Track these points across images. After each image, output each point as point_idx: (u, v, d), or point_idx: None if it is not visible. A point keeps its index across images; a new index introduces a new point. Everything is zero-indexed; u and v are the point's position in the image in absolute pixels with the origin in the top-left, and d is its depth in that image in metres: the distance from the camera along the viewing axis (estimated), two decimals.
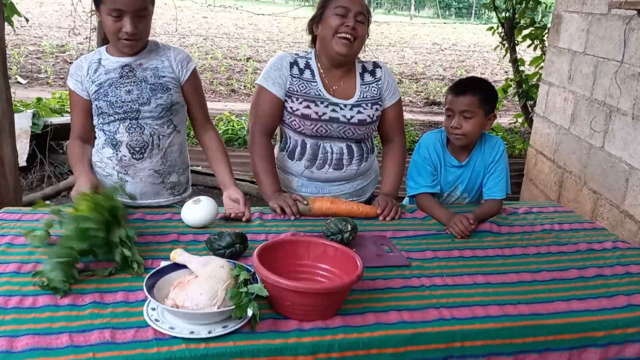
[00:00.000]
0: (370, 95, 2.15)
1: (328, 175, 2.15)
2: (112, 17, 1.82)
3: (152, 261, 1.56)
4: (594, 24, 3.40)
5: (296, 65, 2.11)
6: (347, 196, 2.19)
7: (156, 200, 2.05)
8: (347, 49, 2.02)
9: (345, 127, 2.10)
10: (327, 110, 2.08)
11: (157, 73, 1.97)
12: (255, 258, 1.36)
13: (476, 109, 2.07)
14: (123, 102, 1.94)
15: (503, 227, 2.02)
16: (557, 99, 3.85)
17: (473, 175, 2.21)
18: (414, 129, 6.90)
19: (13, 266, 1.48)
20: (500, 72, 12.89)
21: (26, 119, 4.39)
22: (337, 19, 1.99)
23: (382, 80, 2.18)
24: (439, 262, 1.72)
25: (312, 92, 2.09)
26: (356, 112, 2.10)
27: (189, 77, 2.03)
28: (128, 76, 1.95)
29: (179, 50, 2.06)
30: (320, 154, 2.12)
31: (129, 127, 1.96)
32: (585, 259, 1.82)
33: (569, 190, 3.59)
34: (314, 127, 2.08)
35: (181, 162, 2.12)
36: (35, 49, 11.51)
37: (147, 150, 1.99)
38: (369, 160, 2.23)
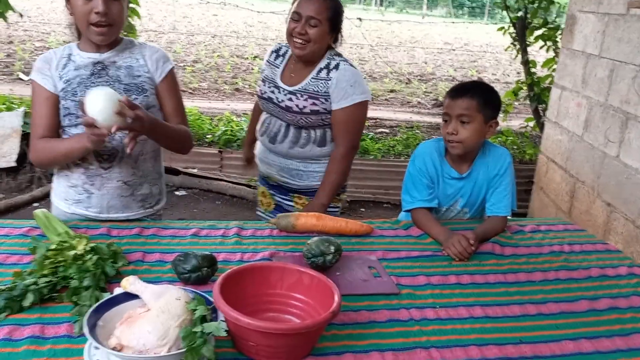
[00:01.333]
0: (313, 89, 2.16)
1: (264, 143, 2.31)
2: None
3: (108, 285, 1.39)
4: (610, 25, 3.19)
5: (275, 53, 2.31)
6: (277, 169, 2.28)
7: (125, 214, 1.85)
8: (300, 51, 2.13)
9: (277, 109, 2.22)
10: (267, 90, 2.26)
11: (131, 72, 1.79)
12: (216, 289, 1.19)
13: (475, 114, 1.88)
14: None
15: (507, 248, 1.84)
16: (570, 104, 3.64)
17: (475, 189, 2.02)
18: (421, 132, 6.70)
19: None
20: (513, 73, 12.61)
21: (17, 117, 4.25)
22: (292, 22, 2.12)
23: (331, 81, 2.15)
24: (432, 290, 1.53)
25: (271, 75, 2.28)
26: (287, 99, 2.19)
27: (164, 77, 1.84)
28: (100, 74, 1.76)
29: (155, 48, 1.88)
30: (265, 123, 2.31)
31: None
32: (597, 287, 1.63)
33: (581, 201, 3.38)
34: (263, 104, 2.30)
35: (154, 171, 1.93)
36: (41, 45, 11.43)
37: (116, 158, 1.79)
38: (307, 148, 2.22)
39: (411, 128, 6.79)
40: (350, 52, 14.00)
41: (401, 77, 11.62)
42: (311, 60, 2.17)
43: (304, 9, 2.08)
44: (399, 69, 12.55)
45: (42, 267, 1.36)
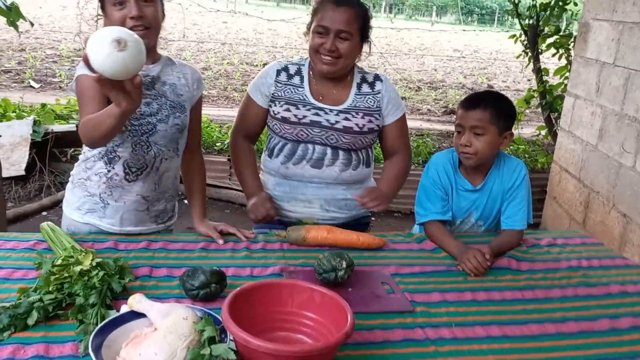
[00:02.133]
0: (364, 105, 1.99)
1: (304, 172, 1.97)
2: (116, 5, 1.63)
3: (114, 302, 1.35)
4: (625, 33, 3.14)
5: (285, 72, 2.02)
6: (322, 202, 1.99)
7: (137, 228, 1.82)
8: (330, 68, 1.92)
9: (328, 132, 1.94)
10: (308, 113, 1.95)
11: (175, 90, 1.81)
12: (225, 308, 1.15)
13: (488, 125, 1.83)
14: (141, 114, 1.72)
15: (523, 263, 1.78)
16: (583, 112, 3.59)
17: (489, 201, 1.97)
18: (431, 139, 6.65)
19: None
20: (524, 81, 12.54)
21: (27, 126, 4.25)
22: (318, 37, 1.89)
23: (381, 94, 2.02)
24: (447, 308, 1.49)
25: (297, 96, 1.98)
26: (342, 119, 1.95)
27: (199, 99, 1.92)
28: (148, 87, 1.75)
29: (194, 69, 1.93)
30: (299, 151, 1.98)
31: (136, 144, 1.74)
32: (618, 304, 1.58)
33: (596, 212, 3.32)
34: (294, 130, 1.96)
35: (173, 188, 1.92)
36: (52, 53, 11.51)
37: (143, 172, 1.77)
38: (358, 170, 2.00)
39: (421, 136, 6.74)
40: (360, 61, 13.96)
41: (411, 84, 11.58)
42: (342, 76, 1.99)
43: (332, 21, 1.87)
44: (408, 76, 12.51)
45: (47, 283, 1.32)
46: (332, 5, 1.88)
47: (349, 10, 1.88)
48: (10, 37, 12.15)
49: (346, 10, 1.87)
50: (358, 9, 1.91)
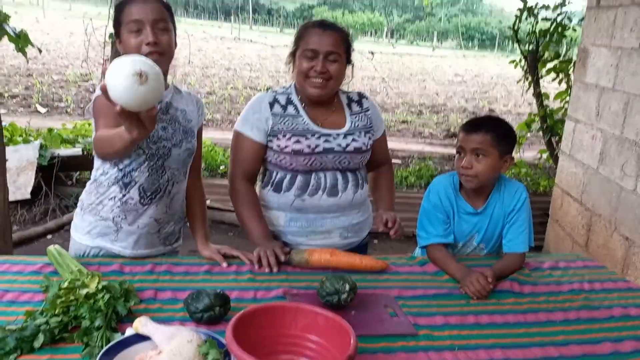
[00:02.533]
0: (361, 124, 2.04)
1: (322, 203, 1.95)
2: (133, 32, 1.68)
3: (120, 324, 1.37)
4: (623, 59, 3.19)
5: (277, 103, 1.97)
6: (341, 231, 2.00)
7: (147, 250, 1.84)
8: (320, 91, 1.92)
9: (341, 156, 1.95)
10: (319, 142, 1.93)
11: (185, 116, 1.87)
12: (229, 331, 1.16)
13: (489, 148, 1.86)
14: (159, 138, 1.77)
15: (525, 286, 1.79)
16: (584, 136, 3.62)
17: (491, 224, 1.99)
18: (433, 163, 6.68)
19: None
20: (525, 105, 12.62)
21: (33, 150, 4.30)
22: (306, 61, 1.89)
23: (370, 111, 2.08)
24: (450, 331, 1.49)
25: (300, 126, 1.94)
26: (351, 140, 1.97)
27: (201, 125, 1.98)
28: (164, 112, 1.81)
29: (197, 96, 2.01)
30: (313, 181, 1.95)
31: (151, 167, 1.78)
32: (620, 327, 1.58)
33: (598, 235, 3.32)
34: (308, 161, 1.92)
35: (181, 210, 1.96)
36: (59, 78, 11.67)
37: (157, 196, 1.81)
38: (364, 189, 2.06)
39: (423, 159, 6.78)
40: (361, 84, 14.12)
41: (413, 108, 11.67)
42: (329, 99, 2.00)
43: (320, 44, 1.88)
44: (410, 100, 12.62)
45: (54, 306, 1.34)
46: (318, 29, 1.91)
47: (334, 33, 1.91)
48: (18, 63, 12.33)
49: (332, 34, 1.90)
50: (342, 32, 1.95)
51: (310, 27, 1.93)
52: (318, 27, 1.91)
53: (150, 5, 1.70)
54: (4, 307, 1.44)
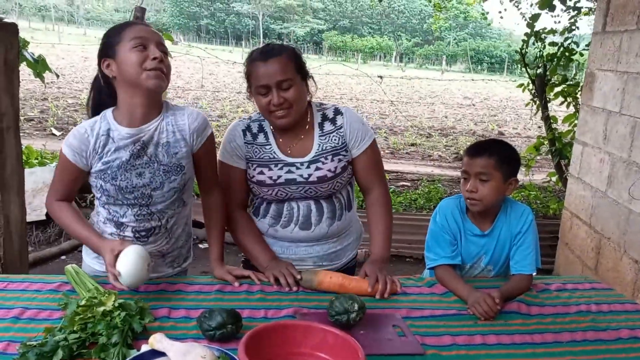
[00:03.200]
0: (330, 146, 1.94)
1: (294, 235, 1.95)
2: (135, 48, 1.65)
3: (135, 341, 1.41)
4: (630, 83, 3.23)
5: (249, 132, 1.97)
6: (315, 259, 1.99)
7: (155, 274, 1.85)
8: (287, 120, 1.87)
9: (305, 187, 1.91)
10: (281, 172, 1.92)
11: (169, 150, 1.76)
12: (241, 348, 1.20)
13: (493, 172, 1.90)
14: (134, 187, 1.73)
15: (533, 307, 1.81)
16: (592, 159, 3.65)
17: (498, 246, 2.01)
18: (442, 185, 6.71)
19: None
20: (534, 127, 12.66)
21: (49, 172, 4.39)
22: (262, 98, 1.85)
23: (344, 128, 1.96)
24: (457, 351, 1.52)
25: (266, 155, 1.94)
26: (314, 170, 1.91)
27: (203, 143, 1.83)
28: (139, 155, 1.72)
29: (194, 115, 1.82)
30: (285, 211, 1.94)
31: (137, 214, 1.78)
32: (628, 349, 1.59)
33: (608, 258, 3.33)
34: (272, 191, 1.92)
35: (185, 234, 1.96)
36: (73, 102, 11.89)
37: (152, 235, 1.83)
38: (343, 218, 1.99)
39: (433, 181, 6.81)
40: (371, 107, 14.24)
41: (422, 131, 11.73)
42: (300, 121, 1.94)
43: (268, 77, 1.82)
44: (419, 123, 12.69)
45: (72, 323, 1.39)
46: (260, 62, 1.84)
47: (278, 59, 1.83)
48: (34, 87, 12.60)
49: (276, 61, 1.82)
50: (285, 54, 1.86)
51: (253, 60, 1.87)
52: (260, 59, 1.84)
53: (149, 29, 1.71)
54: (24, 324, 1.48)
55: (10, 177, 2.53)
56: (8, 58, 2.46)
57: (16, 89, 2.55)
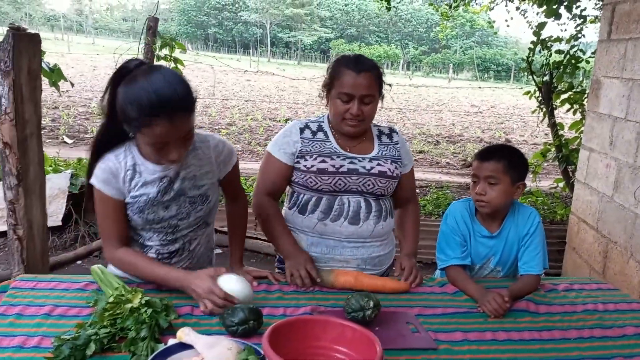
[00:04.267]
0: (389, 154, 2.11)
1: (342, 230, 2.02)
2: (154, 147, 1.64)
3: (161, 337, 1.48)
4: (635, 90, 3.29)
5: (308, 129, 2.10)
6: (359, 262, 2.06)
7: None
8: (357, 129, 2.03)
9: (365, 178, 2.02)
10: (344, 162, 2.03)
11: (195, 183, 1.80)
12: (265, 341, 1.27)
13: (502, 176, 1.97)
14: (161, 219, 1.78)
15: (541, 306, 1.87)
16: (598, 165, 3.70)
17: (506, 247, 2.08)
18: (450, 192, 6.76)
19: (18, 340, 1.43)
20: (541, 135, 12.68)
21: (65, 179, 4.49)
22: (341, 104, 1.98)
23: (400, 144, 2.16)
24: (469, 346, 1.58)
25: (327, 149, 2.05)
26: (376, 164, 2.05)
27: (230, 170, 1.91)
28: (166, 191, 1.75)
29: (219, 145, 1.85)
30: (336, 206, 2.03)
31: (162, 239, 1.83)
32: (633, 345, 1.65)
33: (615, 262, 3.37)
34: (332, 181, 2.00)
35: (207, 251, 2.01)
36: (84, 110, 12.04)
37: (176, 256, 1.88)
38: (387, 221, 2.10)
39: (441, 188, 6.87)
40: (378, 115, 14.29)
41: (430, 138, 11.79)
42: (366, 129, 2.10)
43: (355, 88, 1.94)
44: (427, 131, 12.75)
45: (102, 318, 1.46)
46: (352, 72, 1.95)
47: (369, 74, 1.96)
48: (45, 96, 12.72)
49: (366, 76, 1.95)
50: (375, 70, 2.00)
51: (344, 66, 1.97)
52: (352, 69, 1.95)
53: (177, 126, 1.57)
54: (55, 320, 1.56)
55: (33, 183, 2.62)
56: (31, 67, 2.55)
57: (39, 97, 2.65)
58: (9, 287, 1.74)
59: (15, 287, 1.74)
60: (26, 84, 2.51)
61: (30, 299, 1.66)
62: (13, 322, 1.53)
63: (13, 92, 2.44)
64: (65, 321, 1.56)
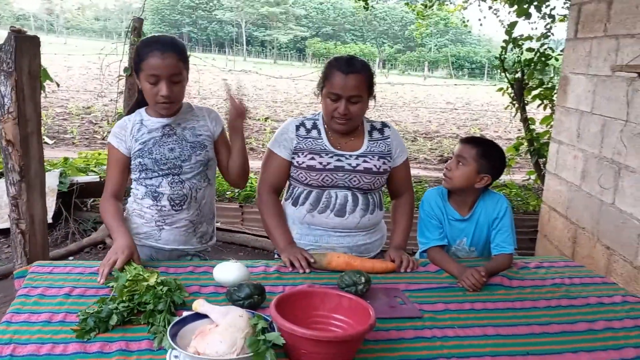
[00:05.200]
0: (378, 150, 2.23)
1: (329, 221, 2.17)
2: (150, 83, 1.99)
3: (175, 311, 1.63)
4: (599, 85, 3.53)
5: (303, 127, 2.25)
6: (345, 250, 2.19)
7: (185, 247, 2.17)
8: (345, 127, 2.17)
9: (351, 175, 2.16)
10: (331, 160, 2.17)
11: (194, 132, 2.14)
12: (272, 308, 1.43)
13: (470, 160, 2.19)
14: (167, 159, 2.08)
15: (514, 281, 2.07)
16: (567, 156, 3.94)
17: (477, 229, 2.28)
18: (429, 185, 6.99)
19: (45, 316, 1.57)
20: (514, 130, 13.03)
21: (54, 177, 4.57)
22: (331, 103, 2.11)
23: (390, 139, 2.28)
24: (450, 314, 1.77)
25: (318, 147, 2.20)
26: (362, 161, 2.18)
27: (220, 132, 2.22)
28: (169, 135, 2.11)
29: (210, 109, 2.26)
30: (324, 199, 2.17)
31: (171, 182, 2.10)
32: (594, 312, 1.86)
33: (583, 246, 3.61)
34: (320, 177, 2.15)
35: (210, 212, 2.27)
36: (62, 111, 11.99)
37: (185, 203, 2.13)
38: (374, 213, 2.24)
39: (419, 182, 7.09)
40: None
41: (407, 135, 12.04)
42: (356, 126, 2.22)
43: (343, 89, 2.06)
44: (404, 128, 13.00)
45: (121, 294, 1.61)
46: (341, 73, 2.07)
47: (357, 76, 2.07)
48: None
49: (355, 77, 2.07)
50: (365, 72, 2.10)
51: (335, 67, 2.10)
52: (342, 70, 2.07)
53: (167, 61, 1.96)
54: (75, 299, 1.70)
55: (34, 179, 2.73)
56: (32, 68, 2.67)
57: (38, 97, 2.76)
58: (27, 272, 1.88)
59: (33, 272, 1.87)
60: (27, 84, 2.63)
61: (50, 282, 1.80)
62: (37, 301, 1.66)
63: (15, 92, 2.55)
64: (85, 300, 1.70)
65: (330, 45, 57.47)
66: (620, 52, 3.26)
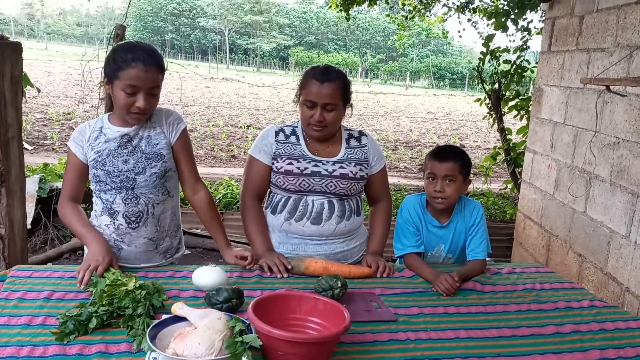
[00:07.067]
0: (355, 157, 2.29)
1: (305, 229, 2.22)
2: (126, 92, 1.90)
3: (155, 314, 1.66)
4: (571, 97, 3.64)
5: (282, 133, 2.30)
6: (322, 257, 2.21)
7: (149, 264, 2.11)
8: (320, 134, 2.24)
9: (328, 180, 2.21)
10: (309, 165, 2.22)
11: (150, 141, 2.04)
12: (250, 310, 1.47)
13: (457, 175, 2.24)
14: (120, 171, 2.00)
15: (486, 286, 2.13)
16: (541, 166, 4.04)
17: (455, 237, 2.34)
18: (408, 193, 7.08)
19: (24, 319, 1.59)
20: (493, 140, 13.24)
21: (33, 183, 4.54)
22: (307, 110, 2.19)
23: (367, 147, 2.34)
24: (424, 318, 1.82)
25: (296, 152, 2.25)
26: (339, 167, 2.23)
27: (178, 137, 2.09)
28: (125, 146, 2.02)
29: (169, 111, 2.12)
30: (301, 206, 2.22)
31: (125, 198, 2.02)
32: (563, 316, 1.93)
33: (556, 253, 3.71)
34: (297, 181, 2.20)
35: (173, 225, 2.19)
36: (42, 117, 11.88)
37: (142, 220, 2.06)
38: (351, 220, 2.27)
39: (399, 190, 7.17)
40: None
41: (388, 144, 12.16)
42: (333, 133, 2.28)
43: (319, 96, 2.14)
44: (385, 137, 13.12)
45: (101, 298, 1.63)
46: (317, 82, 2.15)
47: (332, 84, 2.15)
48: None
49: (329, 85, 2.14)
50: (339, 81, 2.18)
51: (311, 76, 2.18)
52: (317, 78, 2.15)
53: (150, 74, 1.91)
54: (55, 303, 1.72)
55: (14, 184, 2.73)
56: (14, 74, 2.68)
57: (20, 103, 2.77)
58: (6, 276, 1.89)
59: (13, 276, 1.88)
60: (9, 90, 2.63)
61: (29, 286, 1.81)
62: (17, 304, 1.68)
63: None
64: (65, 304, 1.71)
65: (314, 54, 57.73)
66: (592, 65, 3.38)
